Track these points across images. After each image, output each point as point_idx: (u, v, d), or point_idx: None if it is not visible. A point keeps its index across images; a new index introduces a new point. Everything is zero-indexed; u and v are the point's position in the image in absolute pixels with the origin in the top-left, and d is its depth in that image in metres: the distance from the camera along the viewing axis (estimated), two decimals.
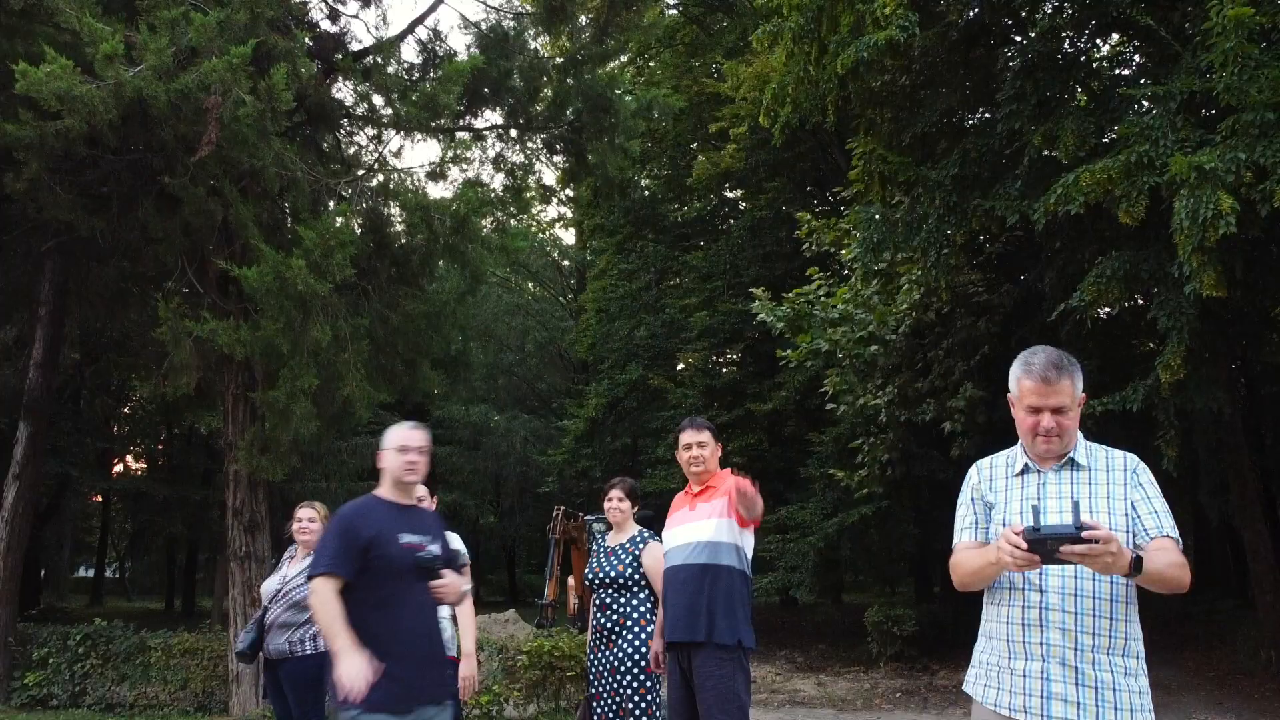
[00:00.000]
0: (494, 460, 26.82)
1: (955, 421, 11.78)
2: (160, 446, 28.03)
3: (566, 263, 31.43)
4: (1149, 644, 2.63)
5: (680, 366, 21.07)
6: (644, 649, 4.78)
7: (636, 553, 4.99)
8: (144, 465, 29.36)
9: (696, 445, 4.51)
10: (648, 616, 4.88)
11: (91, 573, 39.23)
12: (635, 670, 4.78)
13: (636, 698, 4.79)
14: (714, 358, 20.96)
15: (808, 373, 14.03)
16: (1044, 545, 2.32)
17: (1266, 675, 11.16)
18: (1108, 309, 11.01)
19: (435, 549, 3.62)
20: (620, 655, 4.84)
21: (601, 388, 20.18)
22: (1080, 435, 2.69)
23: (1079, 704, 2.46)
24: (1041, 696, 2.50)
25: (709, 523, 4.35)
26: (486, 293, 22.75)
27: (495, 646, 8.94)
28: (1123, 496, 2.58)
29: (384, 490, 3.73)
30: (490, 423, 26.19)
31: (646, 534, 5.11)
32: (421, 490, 4.95)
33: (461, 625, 4.77)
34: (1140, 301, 10.63)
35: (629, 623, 4.90)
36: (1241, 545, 15.12)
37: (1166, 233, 8.16)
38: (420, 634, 3.52)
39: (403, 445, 3.70)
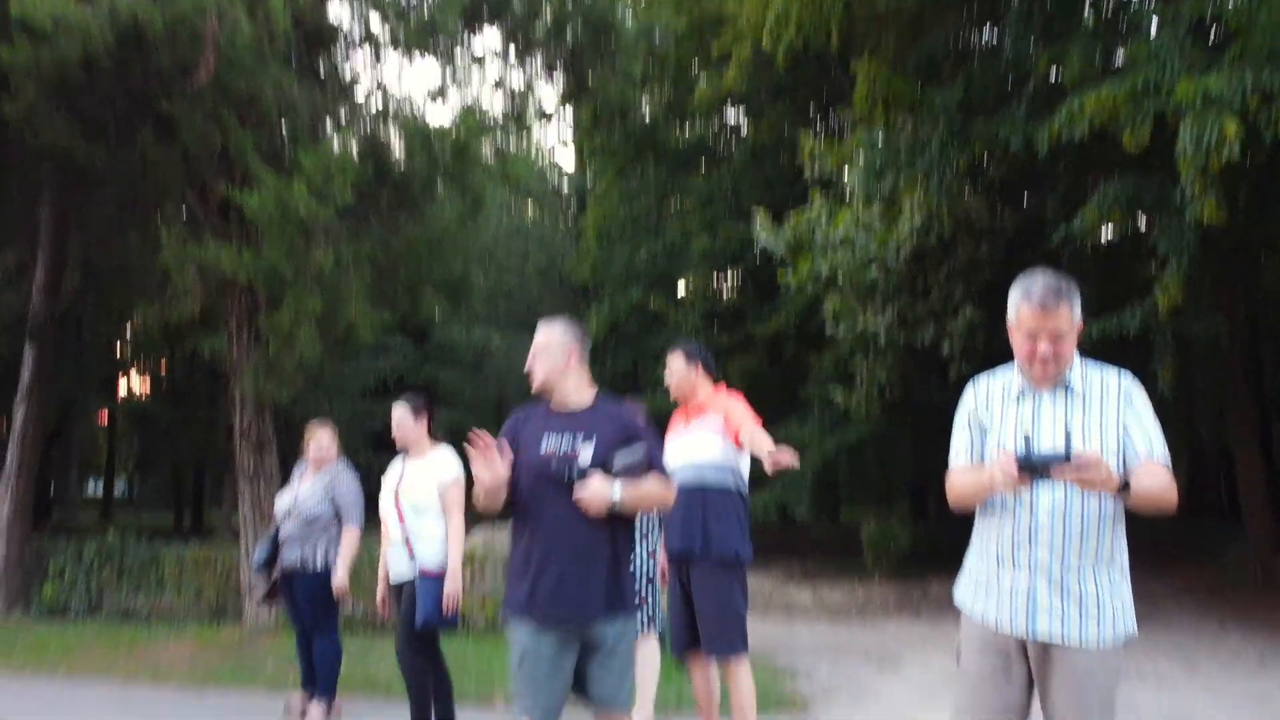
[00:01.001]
0: (496, 383, 27.03)
1: (954, 345, 11.88)
2: (164, 369, 28.20)
3: (566, 186, 31.17)
4: (1140, 561, 2.74)
5: (681, 290, 21.08)
6: (643, 562, 4.97)
7: None
8: (148, 388, 29.60)
9: (666, 369, 4.73)
10: (642, 530, 5.00)
11: (100, 491, 39.82)
12: (643, 578, 4.96)
13: (646, 604, 4.99)
14: (715, 281, 20.95)
15: (808, 296, 14.06)
16: (1035, 470, 2.42)
17: (1252, 590, 11.48)
18: (1110, 234, 11.03)
19: (584, 457, 3.28)
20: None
21: (602, 311, 20.22)
22: (1076, 355, 2.73)
23: (1063, 615, 2.57)
24: (1027, 610, 2.60)
25: (706, 442, 4.42)
26: (486, 216, 22.60)
27: (499, 557, 9.17)
28: (1115, 420, 2.63)
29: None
30: (492, 345, 26.30)
31: None
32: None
33: (450, 540, 4.75)
34: (1145, 222, 10.64)
35: (636, 533, 5.01)
36: (1234, 468, 15.36)
37: (1170, 158, 8.14)
38: (557, 548, 3.26)
39: (530, 352, 3.49)
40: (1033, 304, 2.64)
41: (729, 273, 20.74)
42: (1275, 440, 21.20)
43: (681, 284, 21.03)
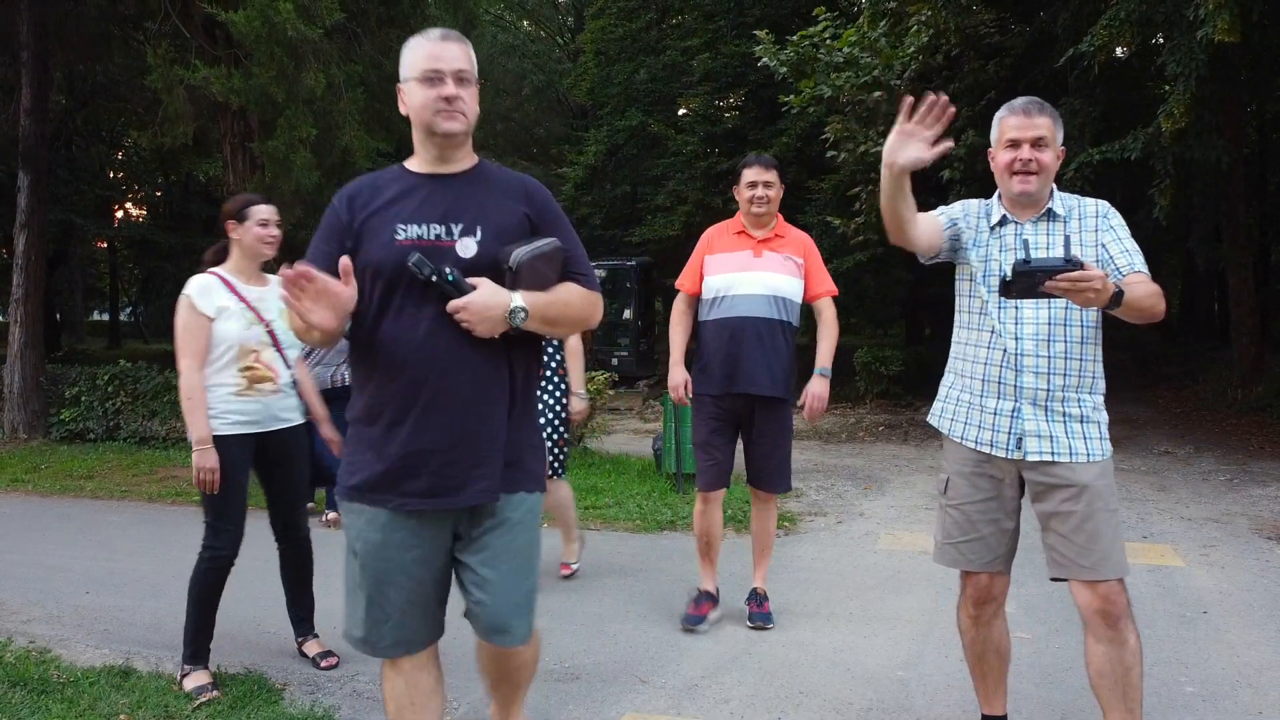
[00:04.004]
0: None
1: (954, 169, 11.76)
2: (159, 194, 27.99)
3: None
4: (1123, 383, 2.86)
5: (681, 112, 20.62)
6: (559, 402, 4.83)
7: None
8: (145, 212, 29.43)
9: (763, 185, 4.15)
10: (556, 362, 4.86)
11: (106, 317, 40.24)
12: (555, 422, 4.84)
13: (556, 450, 4.87)
14: (715, 102, 20.47)
15: (810, 119, 13.80)
16: (1032, 277, 2.36)
17: (1230, 413, 11.81)
18: (1121, 50, 10.73)
19: (464, 248, 2.17)
20: (539, 409, 4.49)
21: (601, 134, 19.86)
22: (1055, 187, 2.75)
23: (1051, 437, 2.65)
24: (1010, 432, 2.69)
25: (785, 279, 4.12)
26: (480, 33, 21.86)
27: None
28: (1094, 242, 2.67)
29: (414, 157, 2.31)
30: None
31: None
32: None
33: (309, 378, 3.97)
34: (1161, 40, 10.34)
35: (547, 373, 4.84)
36: (1227, 291, 15.50)
37: None
38: (426, 392, 2.14)
39: (431, 67, 2.21)
40: (1016, 113, 2.68)
41: (730, 93, 20.22)
42: (1272, 264, 21.29)
43: (682, 110, 20.56)
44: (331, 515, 6.50)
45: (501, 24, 27.80)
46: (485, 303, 2.10)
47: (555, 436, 4.82)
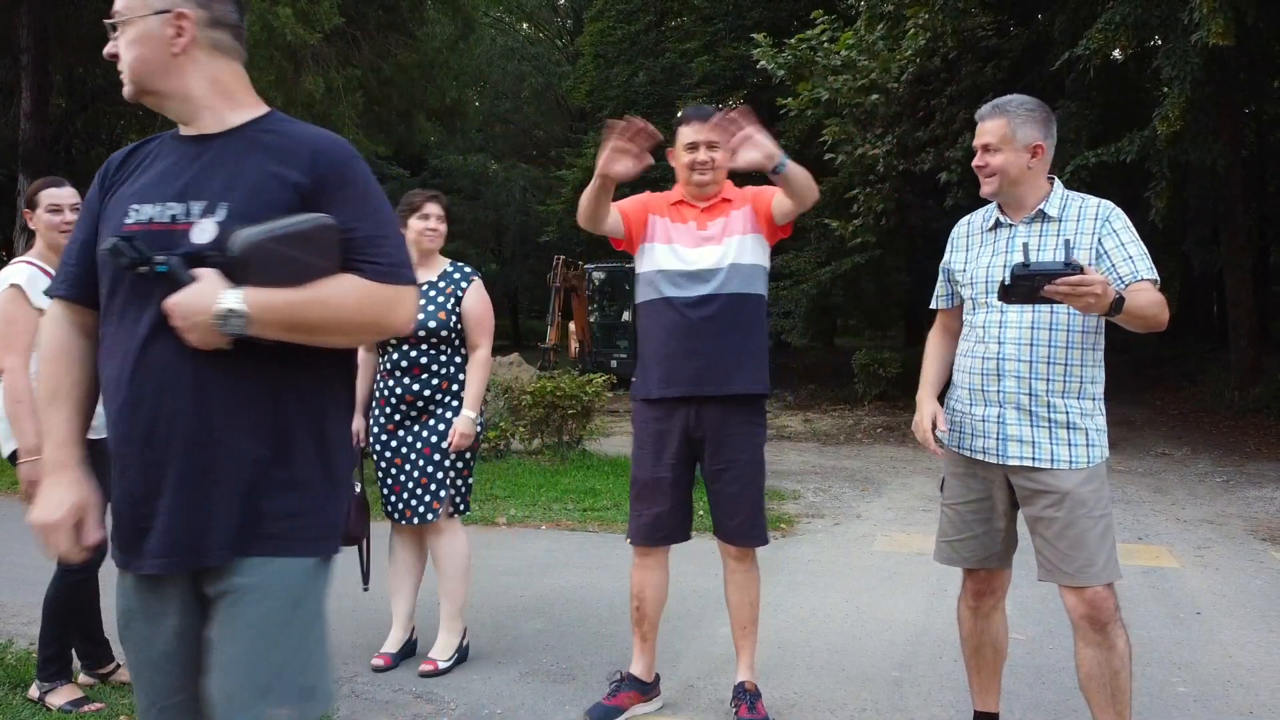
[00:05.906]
0: (494, 210, 26.88)
1: (952, 172, 11.80)
2: None
3: (562, 1, 29.97)
4: (1120, 385, 2.85)
5: (680, 115, 20.70)
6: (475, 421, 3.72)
7: (459, 295, 3.75)
8: None
9: (705, 146, 3.23)
10: (444, 372, 3.75)
11: None
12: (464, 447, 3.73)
13: (463, 480, 3.79)
14: (715, 105, 20.52)
15: (808, 121, 13.84)
16: (1031, 281, 2.33)
17: (1228, 414, 11.84)
18: (1118, 53, 10.77)
19: (203, 230, 1.61)
20: (443, 431, 3.69)
21: (600, 137, 19.95)
22: (1058, 185, 2.74)
23: (1034, 443, 2.64)
24: (998, 439, 2.69)
25: (742, 240, 3.19)
26: (480, 36, 21.93)
27: (500, 387, 9.47)
28: (1090, 245, 2.62)
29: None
30: (488, 172, 26.02)
31: (468, 270, 3.89)
32: None
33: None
34: (1158, 42, 10.39)
35: (455, 387, 3.75)
36: (1225, 293, 15.54)
37: None
38: (143, 419, 1.61)
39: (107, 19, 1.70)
40: (979, 118, 2.73)
41: (729, 96, 20.27)
42: (1271, 265, 21.34)
43: (680, 108, 20.64)
44: None
45: (501, 26, 27.87)
46: (189, 303, 1.54)
47: (460, 466, 3.76)
